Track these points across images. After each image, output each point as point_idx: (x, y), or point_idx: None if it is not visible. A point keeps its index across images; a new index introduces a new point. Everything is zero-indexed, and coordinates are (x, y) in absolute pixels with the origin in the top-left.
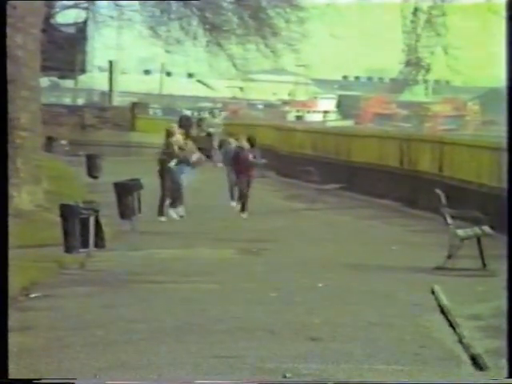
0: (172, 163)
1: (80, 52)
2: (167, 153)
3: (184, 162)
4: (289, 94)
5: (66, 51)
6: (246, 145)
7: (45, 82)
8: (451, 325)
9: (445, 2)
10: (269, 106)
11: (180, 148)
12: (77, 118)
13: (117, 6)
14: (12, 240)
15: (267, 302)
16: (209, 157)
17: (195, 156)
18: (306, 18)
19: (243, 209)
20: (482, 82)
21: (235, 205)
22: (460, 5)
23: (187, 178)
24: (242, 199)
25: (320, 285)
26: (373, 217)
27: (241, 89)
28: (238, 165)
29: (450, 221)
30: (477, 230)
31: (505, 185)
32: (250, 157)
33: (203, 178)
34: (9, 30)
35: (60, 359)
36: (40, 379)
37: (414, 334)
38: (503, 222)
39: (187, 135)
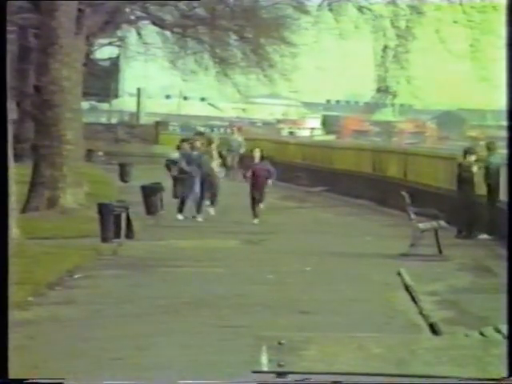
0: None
1: (114, 81)
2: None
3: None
4: (283, 114)
5: (102, 80)
6: (257, 157)
7: (85, 105)
8: (413, 299)
9: (408, 41)
10: (266, 123)
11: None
12: (111, 134)
13: (143, 43)
14: (59, 232)
15: (265, 283)
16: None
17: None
18: (297, 53)
19: (255, 215)
20: (437, 106)
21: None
22: (422, 45)
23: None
24: (255, 206)
25: (308, 268)
26: (351, 213)
27: (244, 110)
28: (253, 176)
29: (412, 216)
30: (434, 223)
31: (453, 187)
32: (264, 169)
33: None
34: (57, 65)
35: (98, 327)
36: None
37: (383, 307)
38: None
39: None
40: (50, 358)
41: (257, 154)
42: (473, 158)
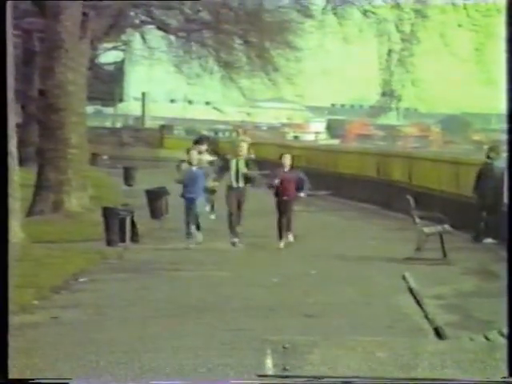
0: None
1: (118, 85)
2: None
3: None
4: (287, 118)
5: (107, 85)
6: (287, 165)
7: (90, 109)
8: (418, 303)
9: (413, 45)
10: (271, 127)
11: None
12: (116, 138)
13: (148, 47)
14: (64, 235)
15: (269, 286)
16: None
17: None
18: (302, 57)
19: (288, 230)
20: (442, 109)
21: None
22: (426, 48)
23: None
24: (285, 222)
25: (313, 272)
26: (355, 217)
27: (248, 114)
28: (281, 187)
29: (417, 220)
30: (439, 227)
31: (465, 191)
32: (294, 179)
33: None
34: (62, 69)
35: (103, 330)
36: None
37: (388, 311)
38: (464, 220)
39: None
40: (54, 361)
41: (287, 160)
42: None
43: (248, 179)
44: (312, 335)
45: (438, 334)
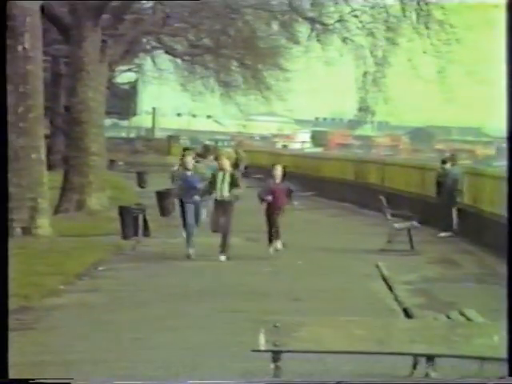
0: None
1: (132, 101)
2: None
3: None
4: (277, 130)
5: (122, 101)
6: (279, 176)
7: (108, 122)
8: (390, 288)
9: (385, 68)
10: (263, 138)
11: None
12: (130, 147)
13: (158, 69)
14: (86, 230)
15: (263, 274)
16: None
17: None
18: (290, 77)
19: (277, 238)
20: (410, 123)
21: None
22: (396, 71)
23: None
24: (273, 232)
25: (300, 262)
26: (336, 215)
27: (244, 126)
28: (272, 200)
29: (389, 217)
30: (407, 223)
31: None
32: (285, 190)
33: None
34: (84, 88)
35: (119, 311)
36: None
37: (364, 294)
38: (428, 217)
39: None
40: (80, 336)
41: (278, 172)
42: (448, 165)
43: (234, 187)
44: (300, 316)
45: (407, 313)
